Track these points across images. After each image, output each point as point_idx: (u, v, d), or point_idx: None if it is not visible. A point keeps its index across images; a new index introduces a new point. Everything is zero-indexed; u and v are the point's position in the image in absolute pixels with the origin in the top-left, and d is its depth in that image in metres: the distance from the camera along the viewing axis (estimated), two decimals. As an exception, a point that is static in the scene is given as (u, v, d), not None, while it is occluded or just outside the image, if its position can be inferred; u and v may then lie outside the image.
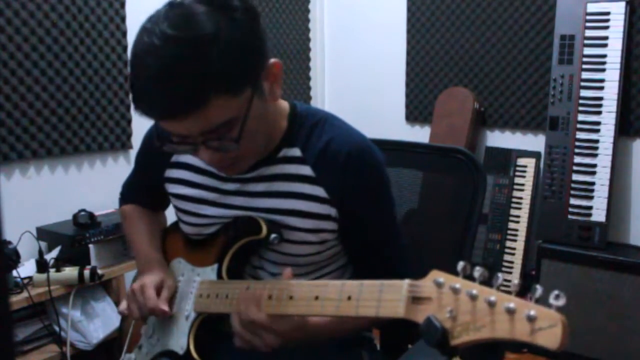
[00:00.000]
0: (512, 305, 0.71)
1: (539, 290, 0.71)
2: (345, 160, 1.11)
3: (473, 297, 0.74)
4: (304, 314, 0.99)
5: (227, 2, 0.98)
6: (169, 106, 0.96)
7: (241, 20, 0.98)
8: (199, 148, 1.02)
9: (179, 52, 0.93)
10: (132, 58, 0.99)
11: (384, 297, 0.87)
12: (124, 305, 1.21)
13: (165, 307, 1.16)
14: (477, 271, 0.76)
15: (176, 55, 0.93)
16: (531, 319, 0.69)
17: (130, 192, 1.44)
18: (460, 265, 0.77)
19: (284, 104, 1.16)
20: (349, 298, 0.91)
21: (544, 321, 0.68)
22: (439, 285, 0.79)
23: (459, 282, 0.77)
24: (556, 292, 0.68)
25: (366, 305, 0.89)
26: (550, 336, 0.68)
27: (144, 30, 0.97)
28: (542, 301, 0.70)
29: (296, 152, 1.14)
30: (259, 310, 1.00)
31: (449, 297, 0.77)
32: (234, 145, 1.00)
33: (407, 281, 0.84)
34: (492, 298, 0.72)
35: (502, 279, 0.75)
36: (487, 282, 0.76)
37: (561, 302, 0.68)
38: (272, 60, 1.04)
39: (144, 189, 1.38)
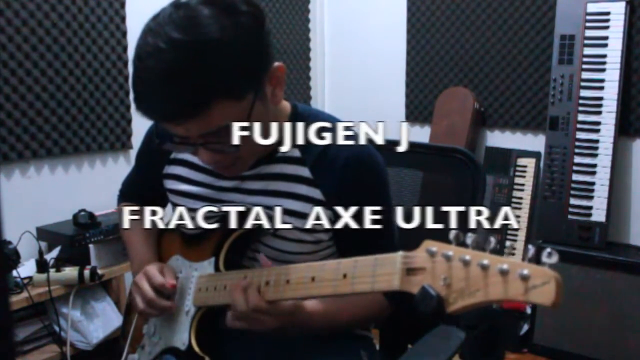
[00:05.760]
0: (505, 266, 0.71)
1: (531, 249, 0.71)
2: (344, 164, 1.11)
3: (466, 263, 0.74)
4: (302, 297, 1.00)
5: (233, 6, 0.97)
6: (169, 110, 0.96)
7: (246, 25, 0.97)
8: (199, 149, 1.02)
9: (182, 58, 0.92)
10: (135, 59, 0.98)
11: (378, 272, 0.87)
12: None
13: (173, 280, 1.16)
14: (470, 237, 0.76)
15: (180, 61, 0.92)
16: (524, 278, 0.69)
17: (129, 190, 1.44)
18: (453, 233, 0.77)
19: (285, 105, 1.16)
20: (345, 276, 0.91)
21: (537, 279, 0.68)
22: (431, 254, 0.79)
23: (451, 250, 0.77)
24: (548, 250, 0.69)
25: (362, 282, 0.89)
26: (544, 293, 0.68)
27: (149, 30, 0.96)
28: (535, 260, 0.70)
29: (295, 152, 1.14)
30: (258, 294, 1.00)
31: (443, 265, 0.77)
32: (233, 149, 1.01)
33: (400, 253, 0.84)
34: (485, 261, 0.73)
35: (494, 242, 0.75)
36: (480, 247, 0.76)
37: (554, 259, 0.68)
38: (276, 63, 1.03)
39: (143, 187, 1.38)
